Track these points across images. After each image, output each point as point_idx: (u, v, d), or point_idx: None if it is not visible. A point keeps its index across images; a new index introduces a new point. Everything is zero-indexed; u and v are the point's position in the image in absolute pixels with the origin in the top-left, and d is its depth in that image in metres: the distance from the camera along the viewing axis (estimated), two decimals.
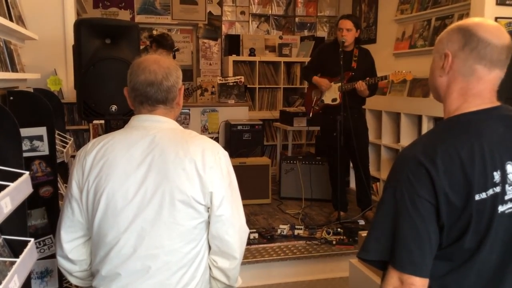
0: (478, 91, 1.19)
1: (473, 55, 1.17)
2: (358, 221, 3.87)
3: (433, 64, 1.27)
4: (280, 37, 6.42)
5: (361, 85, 3.67)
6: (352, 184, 4.63)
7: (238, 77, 5.24)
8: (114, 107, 2.36)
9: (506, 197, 1.12)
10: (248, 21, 6.44)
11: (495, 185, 1.10)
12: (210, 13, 6.24)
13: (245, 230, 1.54)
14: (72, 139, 2.79)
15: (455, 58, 1.20)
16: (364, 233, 2.27)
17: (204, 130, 4.97)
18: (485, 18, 1.26)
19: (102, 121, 3.33)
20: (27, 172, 1.24)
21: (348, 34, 3.72)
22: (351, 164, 4.24)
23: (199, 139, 1.47)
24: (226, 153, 1.51)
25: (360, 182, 3.97)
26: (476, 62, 1.17)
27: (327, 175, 4.32)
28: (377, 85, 3.87)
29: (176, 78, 1.50)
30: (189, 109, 4.90)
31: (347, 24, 3.73)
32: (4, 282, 0.98)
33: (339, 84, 3.82)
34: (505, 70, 1.20)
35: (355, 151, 3.81)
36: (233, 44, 6.14)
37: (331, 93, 3.93)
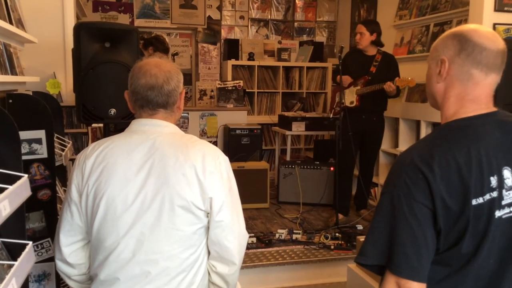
0: (475, 96, 1.19)
1: (469, 60, 1.18)
2: (356, 226, 3.88)
3: (429, 71, 1.28)
4: (279, 42, 6.43)
5: (389, 86, 3.80)
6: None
7: (237, 81, 5.25)
8: (113, 111, 2.36)
9: (503, 202, 1.12)
10: (247, 26, 6.46)
11: (492, 190, 1.11)
12: (209, 17, 6.26)
13: (245, 235, 1.53)
14: (70, 142, 2.79)
15: (451, 64, 1.21)
16: (362, 238, 2.27)
17: (203, 134, 4.98)
18: (479, 25, 1.27)
19: (101, 125, 3.33)
20: (26, 175, 1.24)
21: (361, 37, 3.98)
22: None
23: (199, 144, 1.47)
24: (226, 158, 1.50)
25: (363, 181, 4.07)
26: (473, 67, 1.18)
27: (325, 180, 4.33)
28: (399, 87, 3.91)
29: (177, 82, 1.50)
30: (188, 113, 4.92)
31: (360, 28, 4.01)
32: (2, 285, 0.98)
33: (358, 87, 4.03)
34: (501, 75, 1.21)
35: (364, 154, 4.02)
36: (232, 48, 6.14)
37: (350, 96, 4.10)
